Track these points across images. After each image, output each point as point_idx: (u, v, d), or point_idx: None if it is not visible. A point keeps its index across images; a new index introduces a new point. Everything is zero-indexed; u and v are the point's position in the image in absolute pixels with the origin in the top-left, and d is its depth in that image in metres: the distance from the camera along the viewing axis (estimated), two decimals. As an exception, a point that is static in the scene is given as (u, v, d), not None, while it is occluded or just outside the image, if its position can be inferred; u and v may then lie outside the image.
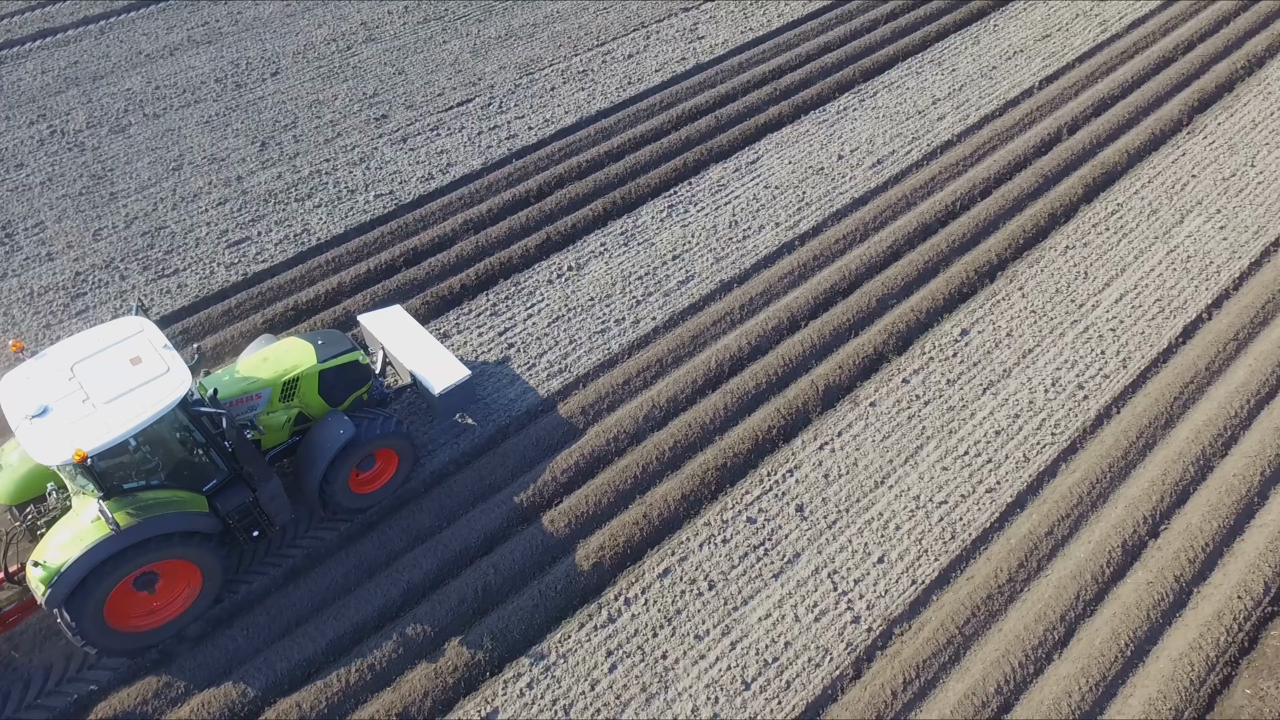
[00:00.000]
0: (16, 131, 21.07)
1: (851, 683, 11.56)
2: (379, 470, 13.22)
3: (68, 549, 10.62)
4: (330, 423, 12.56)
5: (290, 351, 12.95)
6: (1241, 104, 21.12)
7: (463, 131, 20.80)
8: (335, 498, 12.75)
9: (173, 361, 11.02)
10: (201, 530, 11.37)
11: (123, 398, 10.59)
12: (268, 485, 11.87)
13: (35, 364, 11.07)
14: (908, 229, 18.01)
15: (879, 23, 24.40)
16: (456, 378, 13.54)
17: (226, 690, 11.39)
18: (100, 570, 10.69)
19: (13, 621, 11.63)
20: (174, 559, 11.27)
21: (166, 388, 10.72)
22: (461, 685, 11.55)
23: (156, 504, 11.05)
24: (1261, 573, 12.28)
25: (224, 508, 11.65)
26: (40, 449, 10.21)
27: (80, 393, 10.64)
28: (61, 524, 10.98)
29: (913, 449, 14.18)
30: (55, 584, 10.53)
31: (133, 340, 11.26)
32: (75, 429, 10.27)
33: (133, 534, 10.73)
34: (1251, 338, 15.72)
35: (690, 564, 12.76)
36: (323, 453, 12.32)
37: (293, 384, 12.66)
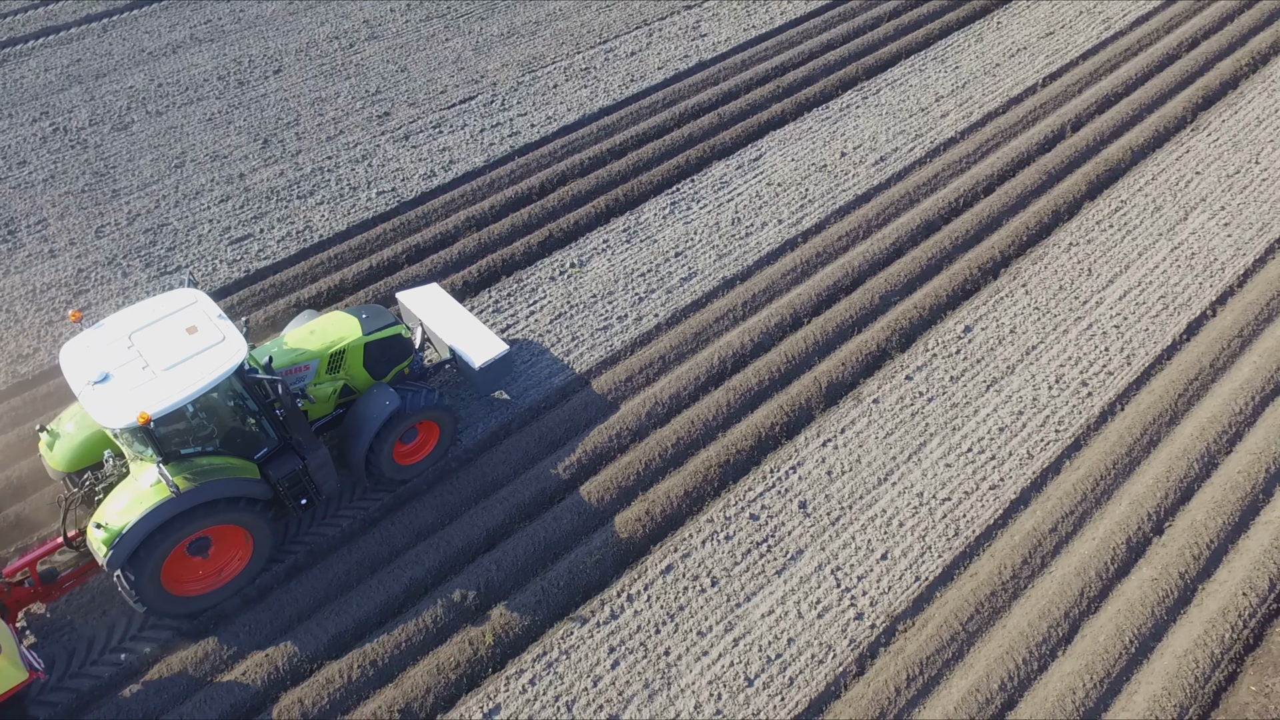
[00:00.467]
0: (19, 129, 21.09)
1: (855, 679, 11.53)
2: (420, 443, 13.57)
3: (128, 512, 10.92)
4: (376, 394, 12.89)
5: (336, 324, 13.30)
6: (1246, 101, 21.06)
7: (465, 129, 20.78)
8: (380, 468, 13.03)
9: (228, 331, 11.34)
10: (254, 496, 11.71)
11: (181, 365, 10.90)
12: (316, 454, 12.20)
13: (93, 334, 11.36)
14: (910, 226, 17.98)
15: (882, 20, 24.36)
16: (495, 352, 13.93)
17: (227, 686, 11.38)
18: (159, 533, 11.01)
19: (69, 586, 11.99)
20: (227, 524, 11.63)
21: (223, 355, 11.03)
22: (464, 681, 11.53)
23: (212, 469, 11.37)
24: (1267, 569, 12.23)
25: (275, 475, 11.93)
26: (104, 413, 10.50)
27: (140, 360, 10.93)
28: (121, 489, 11.25)
29: (916, 446, 14.15)
30: (117, 545, 10.83)
31: (188, 310, 11.59)
32: (137, 394, 10.58)
33: (191, 497, 11.05)
34: (1256, 334, 15.67)
35: (693, 560, 12.73)
36: (369, 423, 12.64)
37: (339, 356, 13.00)
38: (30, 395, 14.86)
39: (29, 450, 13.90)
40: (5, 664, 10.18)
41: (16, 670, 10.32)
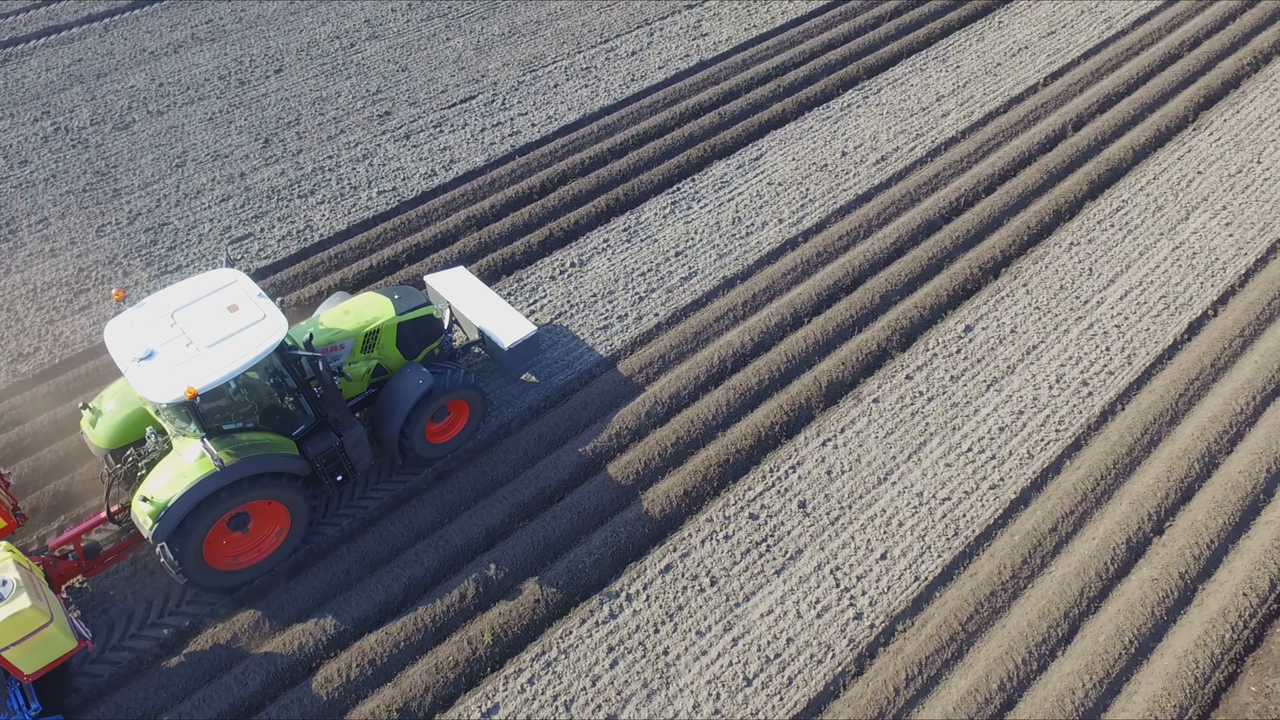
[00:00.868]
0: (21, 128, 21.12)
1: (854, 679, 11.51)
2: (450, 422, 13.82)
3: (173, 485, 11.15)
4: (409, 373, 13.11)
5: (370, 305, 13.51)
6: (1248, 100, 21.01)
7: (466, 128, 20.78)
8: (413, 446, 13.24)
9: (268, 309, 11.57)
10: (293, 472, 11.95)
11: (224, 341, 11.14)
12: (352, 431, 12.43)
13: (136, 312, 11.62)
14: (911, 225, 17.95)
15: (883, 19, 24.33)
16: (523, 333, 14.21)
17: (226, 684, 11.38)
18: (203, 506, 11.25)
19: (110, 561, 12.29)
20: (267, 499, 11.87)
21: (265, 332, 11.28)
22: (462, 680, 11.52)
23: (253, 445, 11.60)
24: (1267, 569, 12.20)
25: (312, 451, 12.16)
26: (151, 388, 10.72)
27: (183, 338, 11.18)
28: (164, 464, 11.49)
29: (916, 445, 14.13)
30: (162, 518, 11.07)
31: (228, 290, 11.83)
32: (182, 370, 10.81)
33: (234, 471, 11.29)
34: (1257, 334, 15.63)
35: (692, 560, 12.72)
36: (403, 401, 12.85)
37: (373, 335, 13.20)
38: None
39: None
40: (56, 631, 10.42)
41: (66, 638, 10.59)
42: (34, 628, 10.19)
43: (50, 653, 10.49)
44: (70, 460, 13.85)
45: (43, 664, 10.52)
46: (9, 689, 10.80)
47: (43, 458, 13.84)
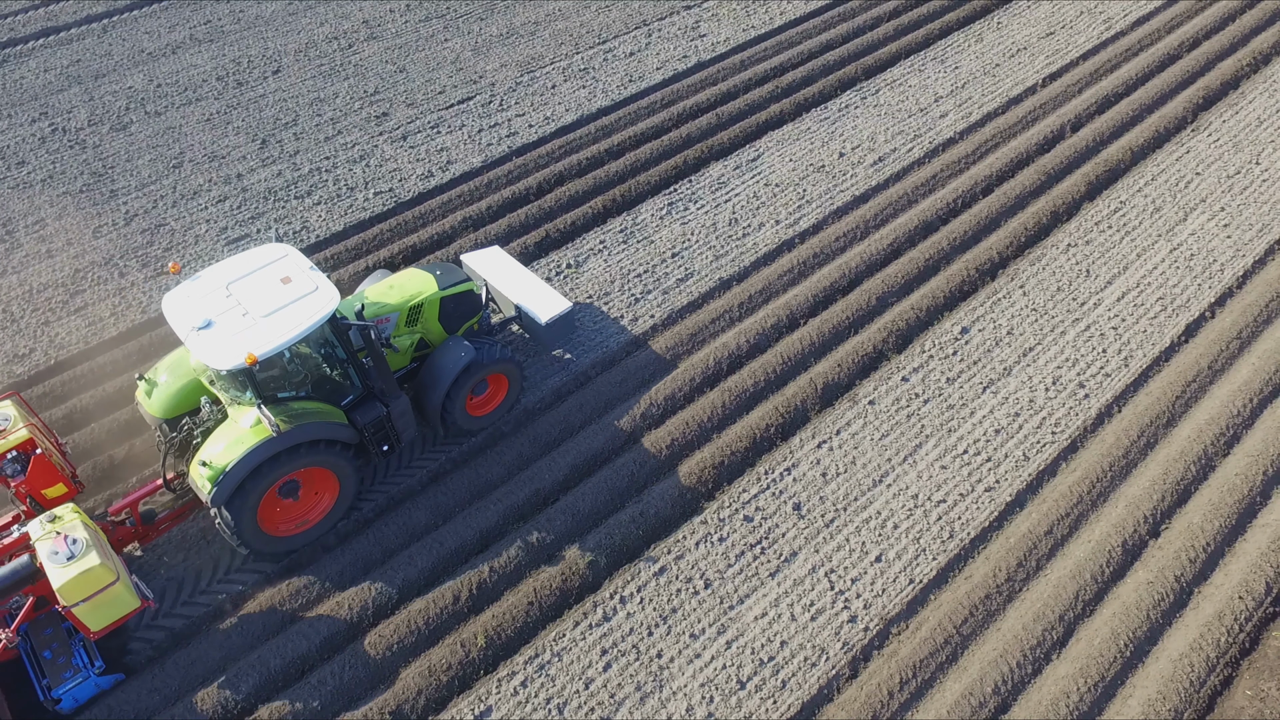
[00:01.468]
0: (18, 129, 21.13)
1: (848, 682, 11.48)
2: (489, 395, 14.22)
3: (231, 450, 11.52)
4: (452, 346, 13.49)
5: (414, 279, 13.93)
6: (1247, 101, 20.96)
7: (463, 129, 20.77)
8: (454, 418, 13.61)
9: (320, 281, 11.94)
10: (343, 440, 12.32)
11: (279, 311, 11.48)
12: (398, 402, 12.77)
13: (192, 285, 11.98)
14: (908, 226, 17.91)
15: (881, 20, 24.29)
16: (560, 309, 14.60)
17: (211, 692, 11.36)
18: (259, 471, 11.61)
19: (164, 528, 12.69)
20: (318, 467, 12.25)
21: (318, 303, 11.62)
22: (455, 683, 11.49)
23: (305, 413, 11.96)
24: (1263, 573, 12.15)
25: (360, 420, 12.47)
26: (212, 355, 11.07)
27: (239, 308, 11.53)
28: (222, 430, 11.86)
29: (911, 447, 14.09)
30: (221, 482, 11.44)
31: (280, 263, 12.18)
32: (241, 338, 11.14)
33: (290, 437, 11.64)
34: (1255, 336, 15.58)
35: (686, 562, 12.69)
36: (445, 373, 13.23)
37: (417, 309, 13.62)
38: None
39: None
40: (122, 590, 10.72)
41: (131, 597, 10.90)
42: (102, 585, 10.51)
43: (116, 611, 10.79)
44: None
45: (108, 622, 10.81)
46: (73, 647, 11.30)
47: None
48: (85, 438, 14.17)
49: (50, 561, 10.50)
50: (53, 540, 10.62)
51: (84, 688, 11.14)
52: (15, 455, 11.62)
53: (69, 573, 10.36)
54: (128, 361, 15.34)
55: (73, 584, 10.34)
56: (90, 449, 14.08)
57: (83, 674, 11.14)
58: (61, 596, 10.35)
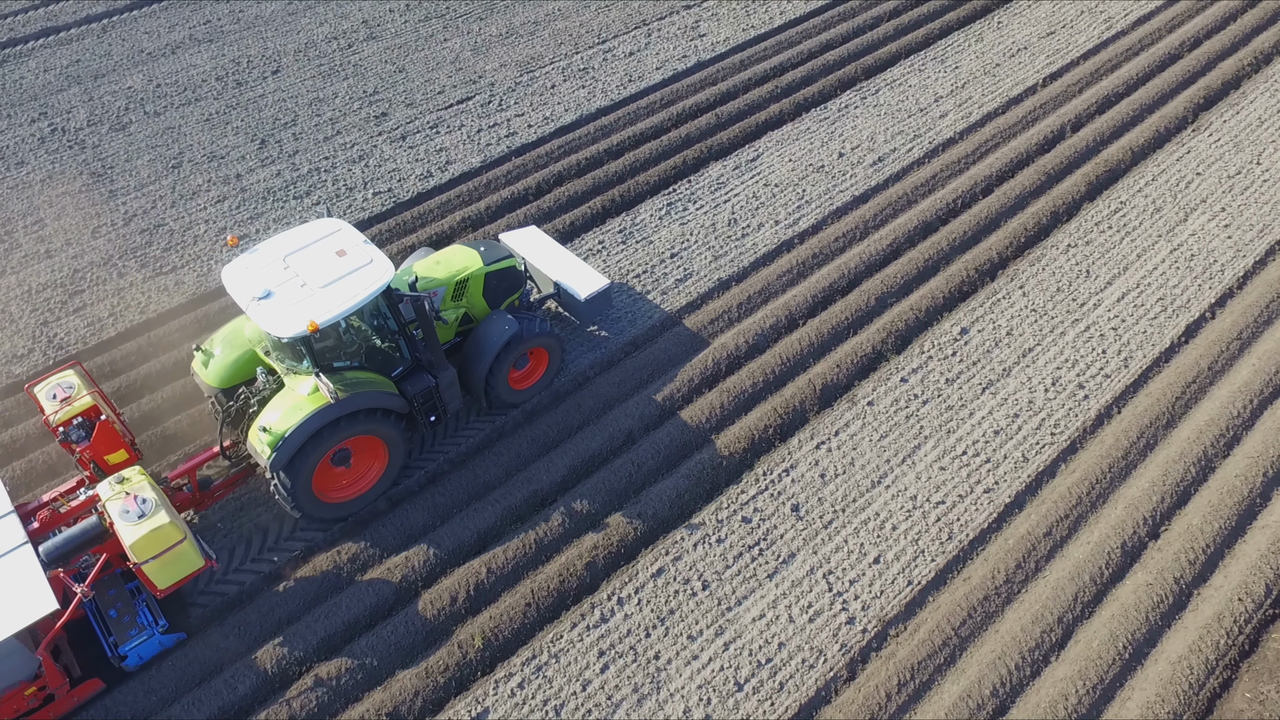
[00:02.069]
0: (18, 129, 21.14)
1: (845, 684, 11.45)
2: (530, 369, 14.59)
3: (289, 416, 11.87)
4: (496, 319, 13.86)
5: (459, 255, 14.30)
6: (1248, 101, 20.91)
7: (462, 129, 20.75)
8: (497, 390, 13.99)
9: (374, 254, 12.33)
10: (394, 409, 12.69)
11: (337, 282, 11.88)
12: (445, 374, 13.19)
13: (249, 257, 12.39)
14: (908, 227, 17.88)
15: (881, 20, 24.25)
16: (598, 285, 14.92)
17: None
18: (316, 437, 11.95)
19: (219, 495, 13.14)
20: (370, 435, 12.61)
21: (374, 274, 12.03)
22: (452, 685, 11.47)
23: (359, 383, 12.32)
24: (1263, 575, 12.11)
25: (410, 391, 12.89)
26: (274, 324, 11.47)
27: (297, 279, 11.94)
28: (279, 398, 12.19)
29: (910, 449, 14.06)
30: (280, 448, 11.80)
31: (334, 236, 12.60)
32: (301, 307, 11.56)
33: (346, 404, 11.99)
34: (1255, 337, 15.53)
35: (684, 564, 12.66)
36: (490, 346, 13.58)
37: (463, 284, 14.02)
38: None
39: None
40: (189, 548, 11.15)
41: (197, 556, 11.29)
42: (171, 543, 10.94)
43: (182, 569, 11.18)
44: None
45: (174, 580, 11.19)
46: (137, 607, 11.75)
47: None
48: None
49: (122, 520, 10.93)
50: (123, 500, 11.05)
51: (148, 645, 11.54)
52: (80, 422, 12.15)
53: (140, 530, 10.80)
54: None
55: (144, 541, 10.76)
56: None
57: (147, 632, 11.55)
58: (133, 553, 10.78)
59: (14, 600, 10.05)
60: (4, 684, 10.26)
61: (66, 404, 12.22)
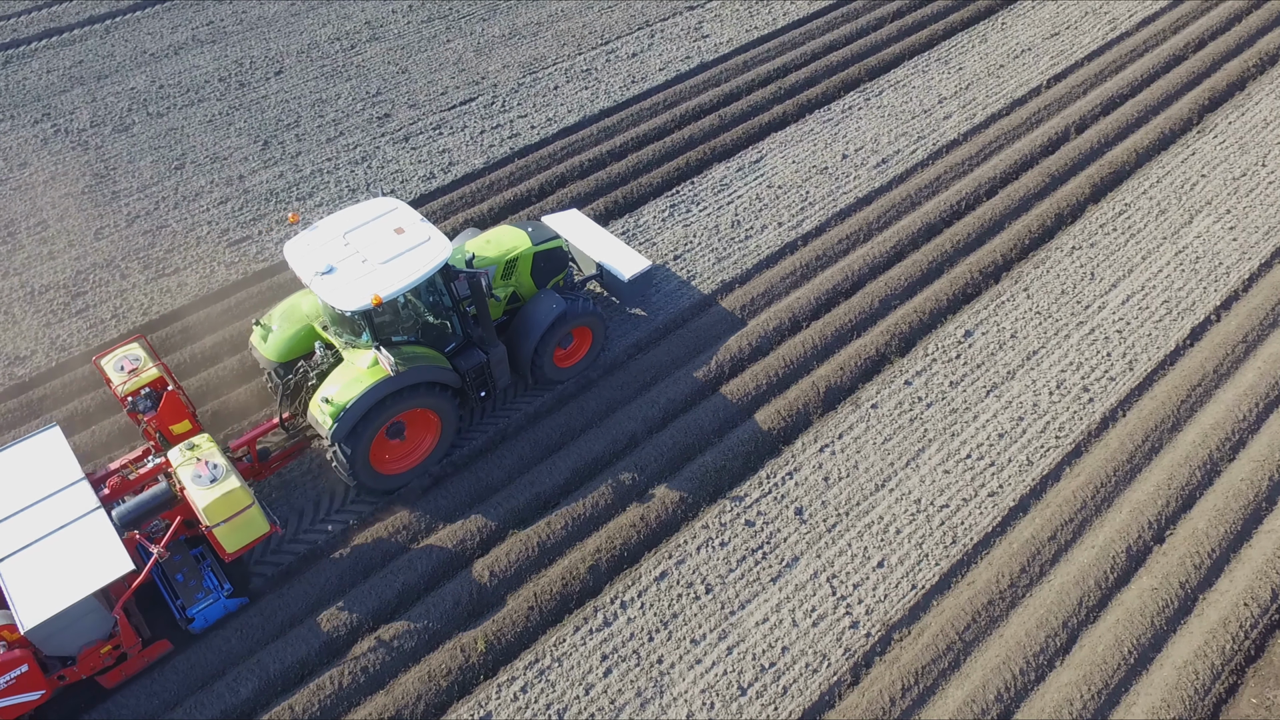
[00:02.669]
0: (21, 130, 21.13)
1: (849, 689, 11.42)
2: (574, 348, 14.94)
3: (350, 388, 12.23)
4: (543, 298, 14.21)
5: (508, 235, 14.67)
6: (1253, 102, 20.83)
7: (465, 130, 20.72)
8: (543, 368, 14.35)
9: (432, 232, 12.70)
10: (448, 384, 13.05)
11: (397, 258, 12.27)
12: (495, 350, 13.58)
13: (310, 234, 12.77)
14: (912, 229, 17.83)
15: (885, 21, 24.20)
16: (641, 266, 15.19)
17: (222, 687, 11.33)
18: (376, 409, 12.31)
19: (275, 466, 13.44)
20: (425, 408, 13.01)
21: (432, 251, 12.42)
22: (455, 688, 11.45)
23: (416, 357, 12.67)
24: (1269, 579, 12.06)
25: (463, 366, 13.30)
26: (338, 298, 11.85)
27: (358, 255, 12.32)
28: (339, 371, 12.60)
29: (914, 452, 14.01)
30: (341, 418, 12.15)
31: (392, 215, 12.99)
32: (364, 282, 11.92)
33: (404, 378, 12.35)
34: (1261, 340, 15.47)
35: (687, 567, 12.63)
36: (538, 323, 13.92)
37: (513, 263, 14.35)
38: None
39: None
40: (256, 513, 11.53)
41: (263, 521, 11.65)
42: (241, 507, 11.34)
43: (250, 533, 11.55)
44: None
45: (242, 544, 11.55)
46: (203, 572, 12.11)
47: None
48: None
49: (194, 484, 11.37)
50: (195, 465, 11.51)
51: (214, 609, 11.91)
52: (148, 392, 12.55)
53: (212, 494, 11.21)
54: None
55: (216, 505, 11.17)
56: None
57: (213, 595, 11.91)
58: (205, 516, 11.17)
59: (91, 561, 10.47)
60: (83, 642, 10.63)
61: (134, 375, 12.65)
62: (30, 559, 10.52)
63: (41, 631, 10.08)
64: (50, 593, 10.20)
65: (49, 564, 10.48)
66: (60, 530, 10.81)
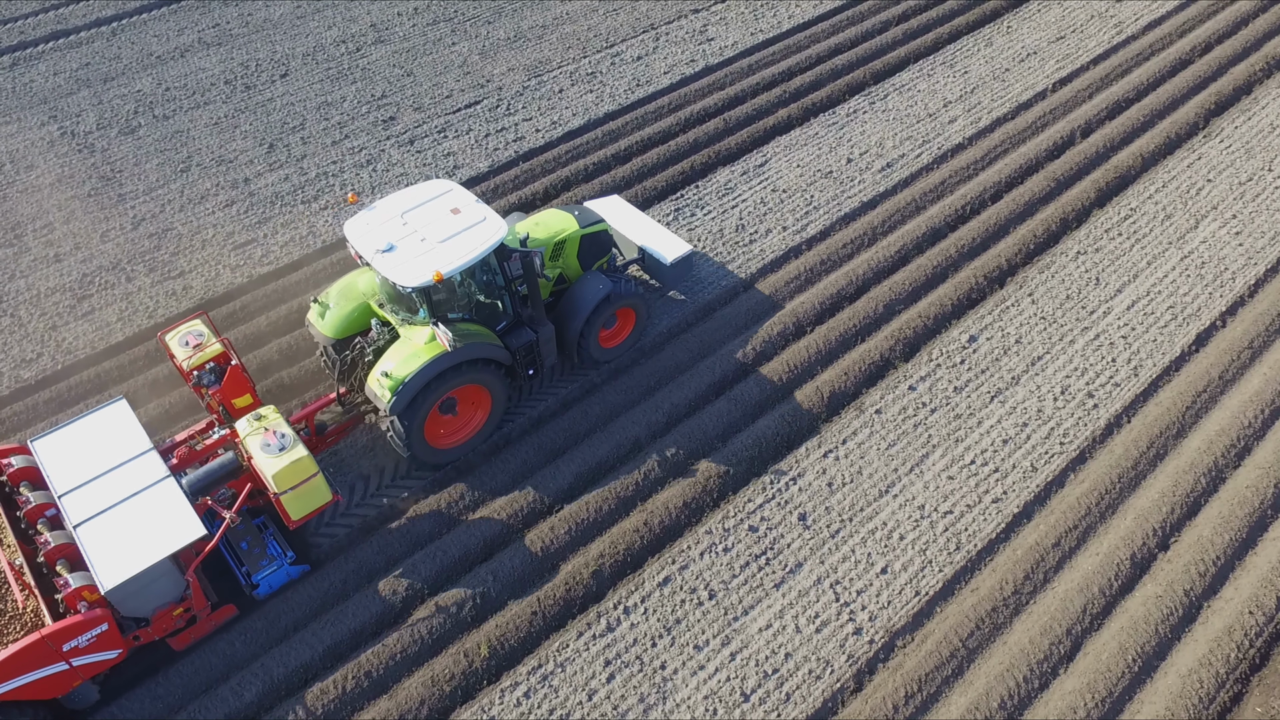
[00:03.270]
0: (28, 132, 21.20)
1: (852, 695, 11.41)
2: (618, 329, 15.31)
3: (409, 363, 12.57)
4: (590, 279, 14.55)
5: (556, 218, 14.97)
6: (1260, 107, 20.77)
7: (470, 133, 20.74)
8: (589, 348, 14.71)
9: (487, 212, 13.13)
10: (500, 361, 13.41)
11: (455, 237, 12.70)
12: (544, 330, 13.95)
13: (369, 214, 13.22)
14: (916, 233, 17.81)
15: (890, 24, 24.17)
16: (682, 250, 15.50)
17: (226, 691, 11.37)
18: (433, 384, 12.66)
19: (331, 441, 13.85)
20: (478, 384, 13.37)
21: (489, 230, 12.84)
22: (458, 693, 11.47)
23: (470, 334, 12.99)
24: (1274, 587, 12.02)
25: (513, 344, 13.67)
26: (399, 274, 12.25)
27: (417, 234, 12.74)
28: (397, 346, 12.90)
29: (918, 457, 14.00)
30: (400, 392, 12.49)
31: (447, 196, 13.44)
32: (424, 259, 12.35)
33: (461, 353, 12.69)
34: (1266, 346, 15.43)
35: (691, 573, 12.63)
36: (585, 304, 14.28)
37: (561, 245, 14.70)
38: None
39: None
40: (321, 482, 11.93)
41: (327, 490, 12.08)
42: (308, 475, 11.74)
43: (315, 500, 11.99)
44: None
45: (307, 511, 12.01)
46: (266, 540, 12.55)
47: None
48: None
49: (263, 453, 11.73)
50: (263, 434, 11.90)
51: (277, 575, 12.36)
52: (212, 367, 12.86)
53: (281, 462, 11.59)
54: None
55: (284, 472, 11.54)
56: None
57: (277, 562, 12.35)
58: (275, 483, 11.54)
59: (166, 527, 10.91)
60: (157, 604, 11.04)
61: (199, 350, 12.94)
62: (107, 524, 10.95)
63: (120, 592, 10.50)
64: (127, 556, 10.62)
65: (125, 529, 10.90)
66: (134, 497, 11.23)
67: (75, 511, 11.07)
